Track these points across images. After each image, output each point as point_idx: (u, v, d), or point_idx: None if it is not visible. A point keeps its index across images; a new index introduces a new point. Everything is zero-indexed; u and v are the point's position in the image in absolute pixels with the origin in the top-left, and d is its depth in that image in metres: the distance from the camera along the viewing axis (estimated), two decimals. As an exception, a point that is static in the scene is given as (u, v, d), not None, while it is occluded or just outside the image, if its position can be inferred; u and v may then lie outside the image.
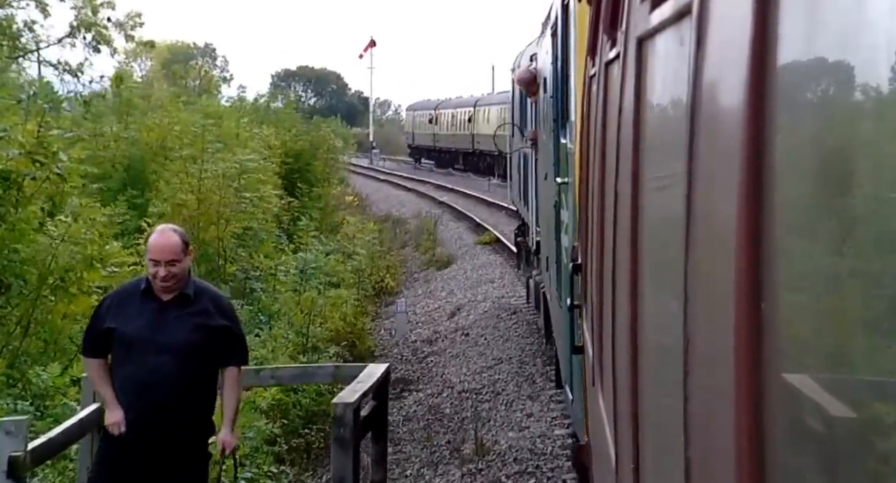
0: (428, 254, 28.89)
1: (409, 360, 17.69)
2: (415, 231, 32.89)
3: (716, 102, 1.94)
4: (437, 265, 27.09)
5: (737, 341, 1.64)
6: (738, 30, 1.71)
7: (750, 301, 1.59)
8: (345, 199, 36.21)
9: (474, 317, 19.66)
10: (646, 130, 3.00)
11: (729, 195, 1.72)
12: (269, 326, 16.54)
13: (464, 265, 26.23)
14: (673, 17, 2.44)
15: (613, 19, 4.16)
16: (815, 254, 1.49)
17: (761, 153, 1.61)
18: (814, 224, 1.50)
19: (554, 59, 10.00)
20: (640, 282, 2.93)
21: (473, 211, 35.93)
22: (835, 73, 1.41)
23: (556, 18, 9.51)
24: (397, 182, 55.85)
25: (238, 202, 19.78)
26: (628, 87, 3.30)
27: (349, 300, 19.14)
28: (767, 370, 1.57)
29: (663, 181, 2.68)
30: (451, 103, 68.26)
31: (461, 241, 30.51)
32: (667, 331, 2.38)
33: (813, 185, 1.50)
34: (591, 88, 5.27)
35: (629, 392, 2.98)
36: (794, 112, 1.57)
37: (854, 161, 1.37)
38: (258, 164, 22.93)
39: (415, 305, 22.37)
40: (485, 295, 21.69)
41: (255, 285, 19.26)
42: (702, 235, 1.99)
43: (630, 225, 3.05)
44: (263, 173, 23.22)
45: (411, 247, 31.15)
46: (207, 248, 18.70)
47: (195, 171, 19.77)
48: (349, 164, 53.79)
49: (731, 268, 1.67)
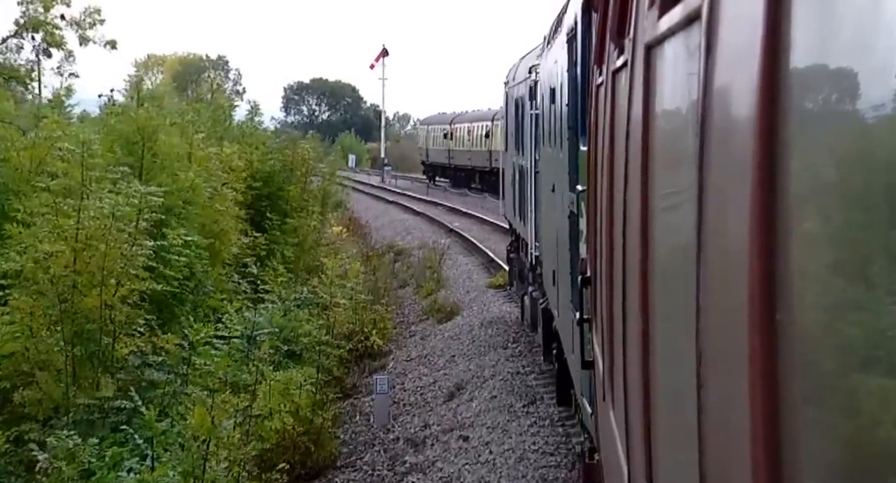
0: (429, 298, 24.49)
1: (384, 478, 13.60)
2: (418, 266, 28.57)
3: (726, 110, 1.93)
4: (438, 315, 22.59)
5: (751, 354, 1.63)
6: (748, 34, 1.70)
7: (764, 313, 1.58)
8: (332, 230, 30.84)
9: (479, 404, 15.54)
10: (655, 139, 2.99)
11: (741, 206, 1.71)
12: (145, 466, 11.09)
13: (470, 318, 21.67)
14: (682, 23, 2.44)
15: (621, 27, 4.16)
16: (830, 265, 1.48)
17: (773, 162, 1.60)
18: (828, 234, 1.49)
19: (571, 65, 10.07)
20: (651, 295, 2.92)
21: (487, 242, 31.31)
22: (847, 78, 1.40)
23: (575, 24, 9.56)
24: (406, 204, 50.72)
25: (136, 254, 14.28)
26: (636, 94, 3.30)
27: (306, 384, 15.00)
28: (782, 384, 1.56)
29: (673, 191, 2.67)
30: (467, 117, 62.93)
31: (470, 283, 26.06)
32: (679, 345, 2.37)
33: (827, 193, 1.49)
34: (599, 97, 5.27)
35: (641, 407, 2.97)
36: (807, 119, 1.56)
37: (869, 168, 1.36)
38: (214, 190, 19.46)
39: (405, 375, 18.42)
40: (494, 368, 17.30)
41: (157, 376, 14.22)
42: (714, 247, 1.99)
43: (639, 237, 3.04)
44: (220, 202, 19.66)
45: (412, 286, 27.00)
46: (86, 321, 13.83)
47: (71, 209, 14.15)
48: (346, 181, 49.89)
49: (744, 280, 1.66)
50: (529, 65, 18.01)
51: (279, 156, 26.54)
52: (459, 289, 25.15)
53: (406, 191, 60.32)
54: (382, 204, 52.70)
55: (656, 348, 2.84)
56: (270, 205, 24.76)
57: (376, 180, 69.61)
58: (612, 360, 4.01)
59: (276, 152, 26.68)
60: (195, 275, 17.07)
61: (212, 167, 20.62)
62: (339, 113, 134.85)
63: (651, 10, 2.94)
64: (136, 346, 14.22)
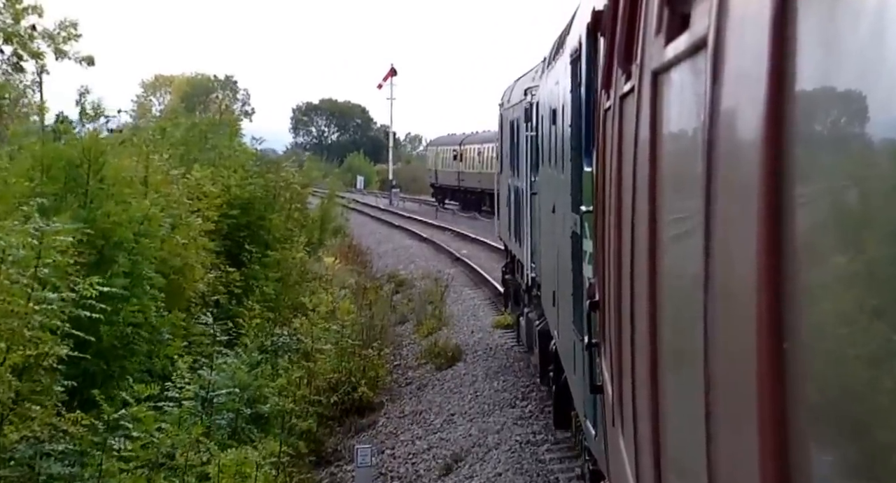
0: (429, 339, 22.30)
1: None
2: (419, 300, 26.24)
3: (733, 137, 1.95)
4: (438, 361, 20.45)
5: (760, 382, 1.64)
6: (754, 62, 1.72)
7: (773, 341, 1.60)
8: (324, 261, 27.66)
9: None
10: (662, 166, 3.02)
11: (749, 232, 1.72)
12: None
13: (474, 366, 19.62)
14: (688, 51, 2.48)
15: (628, 52, 4.20)
16: (842, 292, 1.50)
17: (781, 189, 1.62)
18: (839, 260, 1.50)
19: (575, 86, 10.09)
20: (659, 320, 2.94)
21: (496, 272, 28.05)
22: (854, 103, 1.42)
23: (580, 46, 9.61)
24: (412, 229, 48.45)
25: (31, 311, 11.24)
26: (643, 121, 3.33)
27: (265, 463, 12.51)
28: (792, 412, 1.58)
29: (681, 217, 2.70)
30: (477, 138, 60.72)
31: (475, 322, 24.01)
32: (687, 372, 2.38)
33: (836, 219, 1.51)
34: (606, 122, 5.31)
35: (651, 433, 2.98)
36: (814, 145, 1.58)
37: (878, 194, 1.38)
38: (179, 218, 17.57)
39: (396, 436, 16.44)
40: (499, 434, 15.21)
41: (58, 470, 10.92)
42: (722, 274, 2.01)
43: (647, 262, 3.07)
44: (184, 233, 17.39)
45: (412, 322, 24.80)
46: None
47: None
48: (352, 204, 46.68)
49: (752, 306, 1.68)
50: (525, 87, 17.96)
51: (261, 180, 24.30)
52: (463, 328, 23.31)
53: (413, 214, 58.36)
54: (387, 228, 51.04)
55: (665, 374, 2.86)
56: (250, 235, 22.66)
57: (384, 203, 68.02)
58: (622, 386, 4.02)
59: (257, 176, 24.41)
60: (148, 320, 14.90)
61: (175, 193, 18.53)
62: (349, 134, 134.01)
63: (658, 37, 2.98)
64: (30, 430, 10.91)
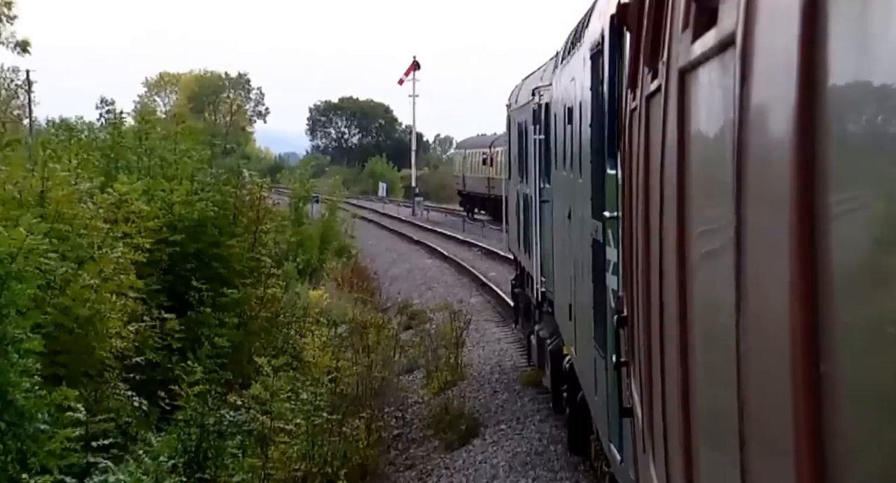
0: (441, 397, 17.77)
1: None
2: (431, 342, 20.50)
3: (763, 137, 1.89)
4: (448, 435, 15.64)
5: (795, 404, 1.58)
6: (784, 59, 1.66)
7: (808, 362, 1.53)
8: (309, 295, 23.13)
9: None
10: (690, 169, 2.94)
11: (782, 238, 1.66)
12: None
13: (495, 450, 14.58)
14: (716, 48, 2.41)
15: (654, 49, 4.13)
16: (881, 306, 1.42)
17: (814, 192, 1.56)
18: (873, 264, 1.43)
19: (596, 83, 9.75)
20: (690, 338, 2.85)
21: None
22: (888, 100, 1.36)
23: (602, 40, 9.37)
24: (435, 245, 41.24)
25: None
26: (671, 121, 3.26)
27: None
28: (828, 434, 1.52)
29: (711, 224, 2.63)
30: None
31: (499, 374, 19.11)
32: (721, 394, 2.31)
33: (868, 220, 1.44)
34: (633, 124, 5.23)
35: (683, 461, 2.90)
36: (847, 144, 1.52)
37: None
38: (90, 248, 13.62)
39: None
40: None
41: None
42: (755, 286, 1.93)
43: (676, 275, 2.98)
44: (92, 271, 13.33)
45: (421, 370, 19.98)
46: None
47: None
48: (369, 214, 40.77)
49: (787, 324, 1.61)
50: (532, 87, 17.11)
51: (216, 195, 19.01)
52: (484, 385, 18.34)
53: (438, 226, 51.68)
54: (405, 244, 44.42)
55: (697, 398, 2.78)
56: (199, 268, 17.69)
57: (406, 213, 61.69)
58: (652, 410, 3.93)
59: (210, 190, 19.20)
60: (14, 404, 10.40)
61: (85, 214, 14.19)
62: (371, 136, 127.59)
63: (685, 33, 2.91)
64: None
